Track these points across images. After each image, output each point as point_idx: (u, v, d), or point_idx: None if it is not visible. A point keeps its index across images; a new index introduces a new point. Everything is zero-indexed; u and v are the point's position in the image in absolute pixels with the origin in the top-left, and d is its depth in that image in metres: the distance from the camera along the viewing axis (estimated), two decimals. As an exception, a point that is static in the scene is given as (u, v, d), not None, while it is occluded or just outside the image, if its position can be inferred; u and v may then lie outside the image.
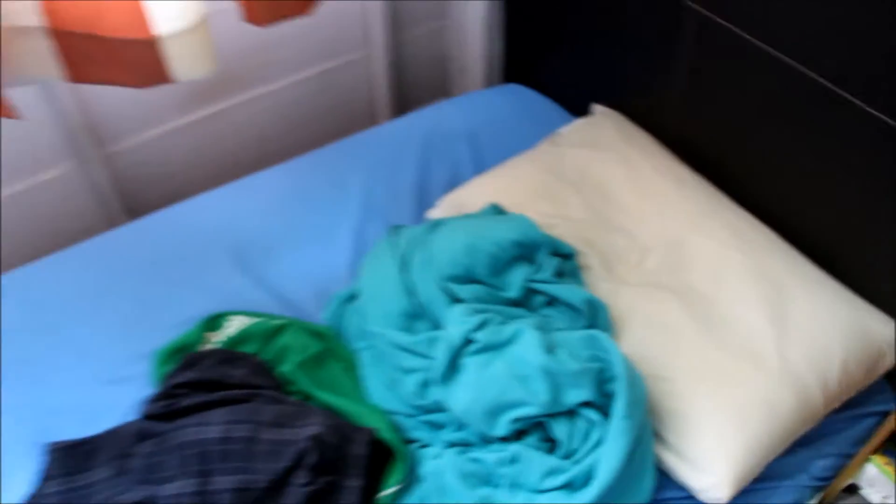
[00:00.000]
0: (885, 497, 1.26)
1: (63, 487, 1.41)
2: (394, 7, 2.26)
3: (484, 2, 2.22)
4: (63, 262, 1.81)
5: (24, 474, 1.44)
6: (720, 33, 1.57)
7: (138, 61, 1.40)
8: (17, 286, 1.76)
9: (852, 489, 1.36)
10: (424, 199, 1.86)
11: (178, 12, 1.35)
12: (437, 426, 1.42)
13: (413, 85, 2.51)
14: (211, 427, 1.34)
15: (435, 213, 1.76)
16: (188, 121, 2.13)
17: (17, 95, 1.66)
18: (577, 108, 2.03)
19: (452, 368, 1.35)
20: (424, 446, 1.40)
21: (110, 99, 1.97)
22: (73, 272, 1.77)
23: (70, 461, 1.44)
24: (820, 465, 1.39)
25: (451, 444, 1.39)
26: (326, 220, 1.83)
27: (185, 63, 1.43)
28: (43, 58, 1.44)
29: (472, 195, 1.72)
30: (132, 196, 2.17)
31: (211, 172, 2.25)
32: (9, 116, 1.41)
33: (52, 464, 1.43)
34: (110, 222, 2.16)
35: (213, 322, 1.60)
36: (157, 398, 1.45)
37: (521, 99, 2.14)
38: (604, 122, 1.85)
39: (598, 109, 1.93)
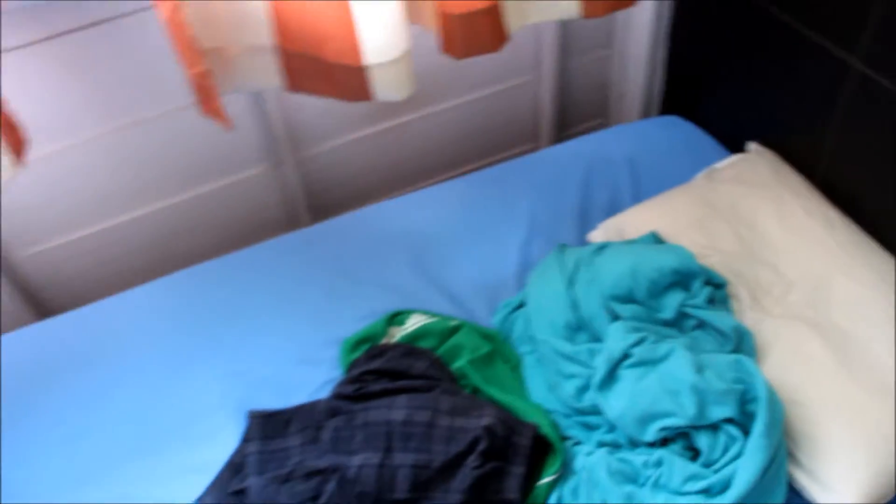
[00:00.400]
0: None
1: (261, 448, 1.65)
2: (564, 35, 2.44)
3: (648, 34, 2.37)
4: (263, 254, 2.08)
5: (229, 435, 1.71)
6: (879, 91, 1.68)
7: (347, 82, 1.65)
8: (226, 272, 2.04)
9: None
10: (585, 221, 2.04)
11: (387, 46, 1.58)
12: (591, 427, 1.60)
13: (574, 109, 2.68)
14: (395, 411, 1.57)
15: (595, 236, 1.94)
16: (371, 132, 2.38)
17: (230, 102, 1.93)
18: (732, 144, 2.17)
19: (610, 378, 1.54)
20: (578, 444, 1.59)
21: (308, 109, 2.23)
22: (273, 264, 2.05)
23: (268, 427, 1.68)
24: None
25: (602, 444, 1.57)
26: (496, 233, 2.04)
27: (386, 87, 1.66)
28: (268, 71, 1.70)
29: (632, 221, 1.89)
30: (316, 196, 2.43)
31: (387, 179, 2.50)
32: (224, 125, 1.68)
33: (253, 428, 1.68)
34: (293, 220, 2.43)
35: (396, 318, 1.83)
36: (346, 382, 1.69)
37: (680, 131, 2.29)
38: (758, 160, 1.98)
39: (753, 147, 2.06)
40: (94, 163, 2.07)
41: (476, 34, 1.68)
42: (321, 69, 1.65)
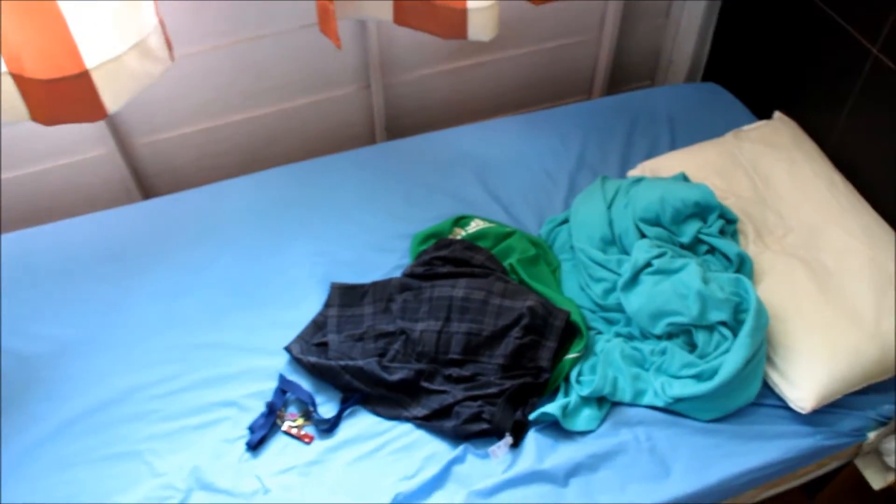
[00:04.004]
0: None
1: (340, 313, 2.02)
2: (628, 2, 2.75)
3: (703, 9, 2.67)
4: (349, 160, 2.44)
5: (314, 301, 2.07)
6: (893, 80, 2.01)
7: (448, 21, 1.98)
8: (316, 172, 2.40)
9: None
10: (626, 162, 2.39)
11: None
12: (611, 322, 1.96)
13: (627, 69, 3.00)
14: (457, 289, 1.93)
15: (634, 173, 2.28)
16: (449, 68, 2.70)
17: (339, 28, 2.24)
18: (761, 112, 2.50)
19: (633, 281, 1.89)
20: (599, 333, 1.95)
21: (400, 41, 2.56)
22: (357, 169, 2.40)
23: (346, 297, 2.05)
24: (886, 407, 1.85)
25: (619, 335, 1.93)
26: (549, 162, 2.39)
27: (478, 28, 1.99)
28: (382, 4, 2.03)
29: (666, 164, 2.23)
30: (395, 119, 2.77)
31: (457, 112, 2.83)
32: (335, 43, 1.99)
33: (333, 296, 2.05)
34: (373, 138, 2.78)
35: (460, 221, 2.19)
36: (417, 264, 2.06)
37: (717, 96, 2.62)
38: (780, 127, 2.31)
39: (778, 115, 2.39)
40: (216, 68, 2.41)
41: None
42: (429, 8, 1.98)
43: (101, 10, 1.66)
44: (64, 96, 1.72)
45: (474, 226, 2.14)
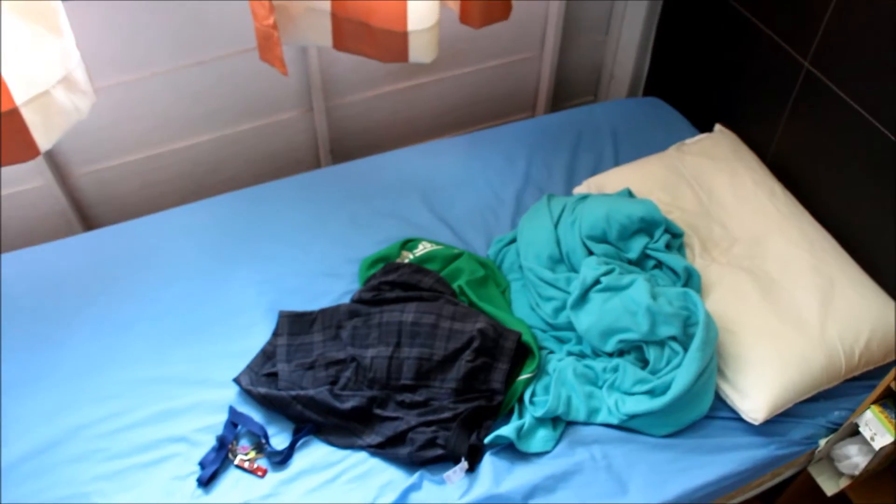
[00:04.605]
0: (874, 434, 1.74)
1: (289, 342, 2.00)
2: (567, 19, 2.77)
3: (642, 25, 2.71)
4: (294, 185, 2.42)
5: (262, 330, 2.04)
6: (822, 88, 2.05)
7: (389, 45, 1.97)
8: (261, 198, 2.37)
9: (854, 429, 1.85)
10: (571, 178, 2.40)
11: (425, 16, 1.91)
12: (562, 341, 1.97)
13: (569, 85, 3.02)
14: (406, 314, 1.92)
15: (580, 190, 2.30)
16: (391, 89, 2.70)
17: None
18: (701, 125, 2.53)
19: (582, 299, 1.90)
20: (551, 353, 1.95)
21: (341, 65, 2.55)
22: (302, 194, 2.38)
23: (295, 325, 2.03)
24: (836, 414, 1.88)
25: (570, 354, 1.93)
26: (495, 182, 2.39)
27: (419, 51, 1.98)
28: (322, 30, 2.02)
29: (611, 180, 2.25)
30: (339, 142, 2.76)
31: (401, 133, 2.83)
32: (280, 70, 1.98)
33: (282, 325, 2.03)
34: (317, 161, 2.76)
35: (407, 244, 2.18)
36: (366, 290, 2.04)
37: (658, 110, 2.65)
38: (721, 139, 2.34)
39: (718, 128, 2.43)
40: (155, 95, 2.37)
41: (490, 7, 2.02)
42: (368, 33, 1.97)
43: (24, 43, 1.63)
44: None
45: (422, 248, 2.13)
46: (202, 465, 1.78)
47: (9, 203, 2.43)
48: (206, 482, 1.75)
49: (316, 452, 1.81)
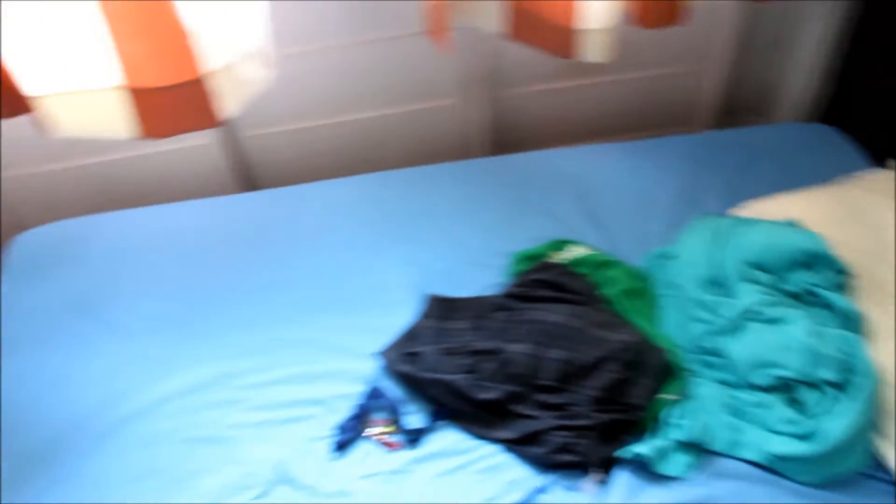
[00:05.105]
0: None
1: (434, 325, 2.02)
2: (741, 33, 2.69)
3: (818, 46, 2.61)
4: (450, 171, 2.45)
5: (406, 309, 2.07)
6: None
7: (561, 39, 1.96)
8: (417, 181, 2.41)
9: None
10: (730, 200, 2.31)
11: (600, 16, 1.89)
12: (709, 365, 1.91)
13: (737, 102, 2.94)
14: (554, 315, 1.91)
15: (741, 213, 2.23)
16: (553, 87, 2.70)
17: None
18: (875, 158, 2.42)
19: (737, 326, 1.85)
20: (696, 376, 1.91)
21: (508, 56, 2.55)
22: (458, 181, 2.41)
23: (442, 309, 2.05)
24: None
25: (717, 381, 1.88)
26: (654, 193, 2.34)
27: (592, 50, 1.97)
28: (494, 16, 2.03)
29: (774, 207, 2.17)
30: (496, 133, 2.76)
31: (559, 131, 2.81)
32: (444, 48, 1.99)
33: (430, 307, 2.05)
34: (471, 151, 2.77)
35: (559, 244, 2.16)
36: (516, 285, 2.04)
37: (831, 139, 2.53)
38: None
39: (893, 164, 2.31)
40: (324, 68, 2.44)
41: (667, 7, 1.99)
42: (542, 26, 1.97)
43: (217, 15, 1.68)
44: (180, 103, 1.75)
45: (575, 251, 2.12)
46: (338, 430, 1.83)
47: (176, 157, 2.54)
48: (340, 447, 1.80)
49: (449, 437, 1.83)
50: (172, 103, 1.73)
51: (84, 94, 1.73)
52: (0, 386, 1.98)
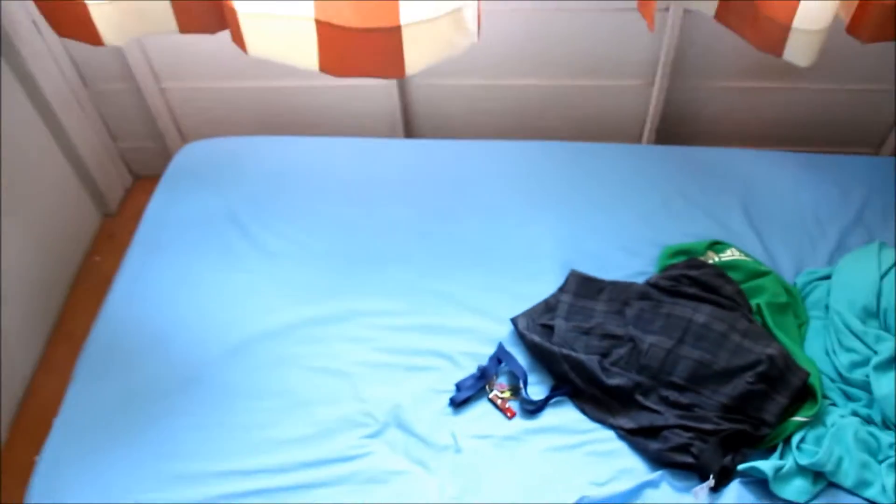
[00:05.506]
0: None
1: (572, 301, 2.01)
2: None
3: None
4: (614, 152, 2.42)
5: (549, 282, 2.06)
6: None
7: (773, 34, 1.88)
8: (579, 155, 2.39)
9: None
10: (905, 232, 2.19)
11: (815, 17, 1.81)
12: (850, 397, 1.83)
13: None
14: (699, 314, 1.87)
15: (917, 248, 2.10)
16: (737, 86, 2.61)
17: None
18: None
19: (890, 364, 1.76)
20: (833, 405, 1.83)
21: (699, 46, 2.47)
22: (622, 163, 2.37)
23: (583, 287, 2.04)
24: None
25: (856, 414, 1.80)
26: (823, 211, 2.22)
27: (797, 50, 1.88)
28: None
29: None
30: (666, 122, 2.69)
31: (732, 130, 2.72)
32: (649, 24, 1.95)
33: (570, 283, 2.04)
34: (639, 136, 2.71)
35: (715, 245, 2.10)
36: (664, 277, 2.00)
37: None
38: None
39: None
40: (509, 30, 2.42)
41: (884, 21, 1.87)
42: (750, 14, 1.90)
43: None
44: (369, 48, 1.77)
45: (729, 254, 2.06)
46: (458, 387, 1.84)
47: (345, 94, 2.59)
48: (458, 404, 1.82)
49: (567, 415, 1.82)
50: (361, 46, 1.76)
51: (280, 20, 1.78)
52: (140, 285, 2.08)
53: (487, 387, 1.86)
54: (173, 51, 2.54)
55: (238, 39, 1.84)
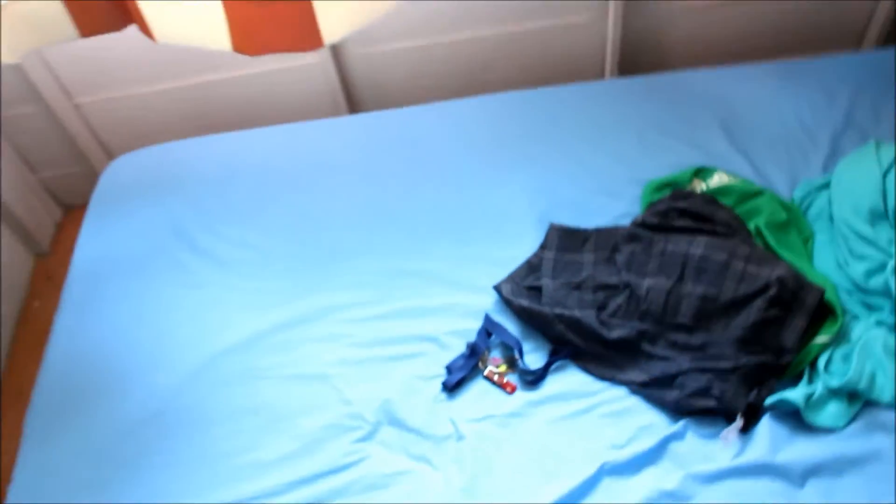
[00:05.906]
0: None
1: (556, 257, 1.87)
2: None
3: None
4: (577, 93, 2.27)
5: (529, 240, 1.91)
6: None
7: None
8: (541, 102, 2.24)
9: None
10: (896, 127, 2.05)
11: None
12: (872, 307, 1.68)
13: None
14: (695, 246, 1.72)
15: (912, 140, 1.97)
16: (699, 3, 2.45)
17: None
18: None
19: (911, 263, 1.61)
20: (856, 318, 1.68)
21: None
22: (587, 104, 2.23)
23: (566, 240, 1.89)
24: None
25: (882, 324, 1.65)
26: (810, 118, 2.09)
27: None
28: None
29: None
30: (628, 53, 2.53)
31: (702, 51, 2.59)
32: None
33: (551, 238, 1.90)
34: (600, 72, 2.56)
35: (700, 172, 1.96)
36: (651, 214, 1.85)
37: None
38: None
39: None
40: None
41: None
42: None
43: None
44: (280, 21, 1.63)
45: (717, 179, 1.92)
46: (449, 369, 1.70)
47: (283, 77, 2.44)
48: (451, 388, 1.68)
49: (571, 378, 1.67)
50: (271, 19, 1.63)
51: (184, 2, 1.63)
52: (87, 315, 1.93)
53: (480, 364, 1.71)
54: (80, 62, 2.36)
55: (144, 29, 1.68)
